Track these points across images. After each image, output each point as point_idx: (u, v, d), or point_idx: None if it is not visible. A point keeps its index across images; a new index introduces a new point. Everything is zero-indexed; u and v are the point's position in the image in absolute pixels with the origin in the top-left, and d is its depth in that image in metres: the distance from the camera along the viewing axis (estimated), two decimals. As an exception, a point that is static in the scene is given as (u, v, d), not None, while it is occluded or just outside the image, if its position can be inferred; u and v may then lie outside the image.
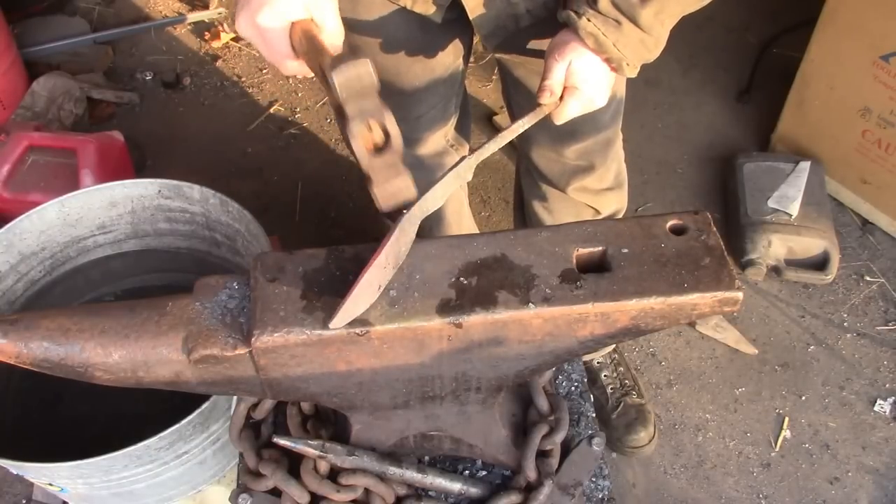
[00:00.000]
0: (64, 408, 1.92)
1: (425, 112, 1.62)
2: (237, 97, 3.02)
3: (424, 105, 1.61)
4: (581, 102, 1.21)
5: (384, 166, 0.88)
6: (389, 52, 1.47)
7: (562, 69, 1.19)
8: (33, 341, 0.92)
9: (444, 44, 1.50)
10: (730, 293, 0.93)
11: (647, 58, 1.21)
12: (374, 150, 0.86)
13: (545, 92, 1.20)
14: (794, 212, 2.41)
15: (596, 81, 1.20)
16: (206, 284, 0.98)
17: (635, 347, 2.32)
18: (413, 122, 1.64)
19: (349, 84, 0.84)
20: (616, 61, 1.18)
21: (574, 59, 1.18)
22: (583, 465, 1.21)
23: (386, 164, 0.88)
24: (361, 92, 0.85)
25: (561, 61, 1.18)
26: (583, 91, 1.19)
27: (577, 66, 1.18)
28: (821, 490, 2.07)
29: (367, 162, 0.87)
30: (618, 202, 1.84)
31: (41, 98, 2.76)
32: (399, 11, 1.39)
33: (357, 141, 0.85)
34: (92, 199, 1.84)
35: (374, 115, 0.86)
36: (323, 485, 1.08)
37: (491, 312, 0.91)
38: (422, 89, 1.55)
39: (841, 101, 2.40)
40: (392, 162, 0.88)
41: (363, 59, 0.85)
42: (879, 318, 2.37)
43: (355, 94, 0.85)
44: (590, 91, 1.20)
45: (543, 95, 1.20)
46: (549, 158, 1.69)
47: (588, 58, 1.18)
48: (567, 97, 1.20)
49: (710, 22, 3.10)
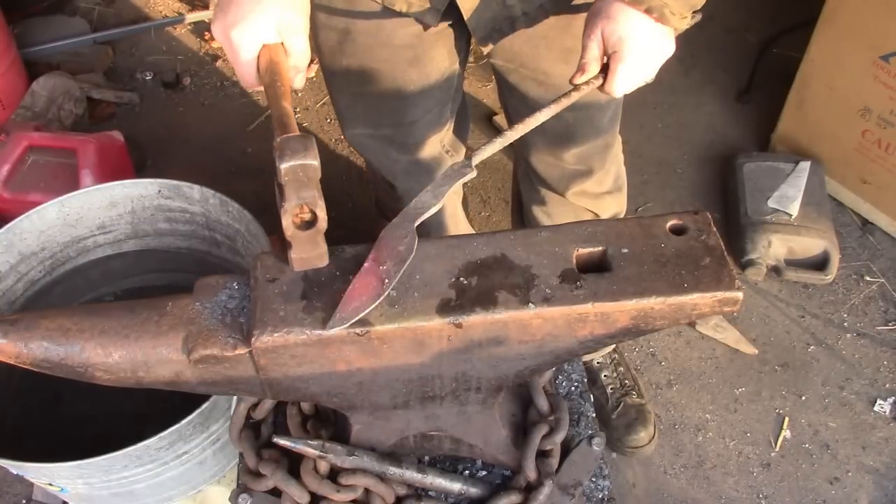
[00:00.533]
0: (64, 408, 1.92)
1: (420, 117, 1.61)
2: (237, 97, 3.02)
3: (419, 110, 1.60)
4: (630, 64, 1.10)
5: (305, 240, 0.92)
6: (385, 58, 1.46)
7: (595, 42, 1.10)
8: (33, 341, 0.92)
9: (440, 49, 1.50)
10: (730, 293, 0.93)
11: (694, 1, 1.11)
12: (301, 224, 0.91)
13: (577, 72, 1.12)
14: (794, 212, 2.41)
15: (639, 39, 1.08)
16: (206, 284, 0.98)
17: (635, 347, 2.32)
18: (407, 127, 1.63)
19: (294, 173, 0.87)
20: (657, 10, 1.07)
21: (606, 25, 1.09)
22: (583, 465, 1.20)
23: (308, 238, 0.92)
24: (304, 182, 0.88)
25: (593, 34, 1.10)
26: (626, 51, 1.09)
27: (612, 29, 1.08)
28: (821, 490, 2.07)
29: (290, 233, 0.91)
30: (617, 205, 1.83)
31: (41, 98, 2.75)
32: (395, 16, 1.38)
33: (287, 218, 0.90)
34: (92, 199, 1.84)
35: (309, 203, 0.89)
36: (323, 485, 1.08)
37: (491, 312, 0.91)
38: (417, 94, 1.54)
39: (841, 101, 2.40)
40: (313, 238, 0.92)
41: (311, 148, 0.88)
42: (879, 318, 2.36)
43: (297, 183, 0.88)
44: (636, 51, 1.09)
45: (576, 76, 1.12)
46: (548, 163, 1.69)
47: (624, 15, 1.08)
48: (612, 65, 1.11)
49: (710, 22, 3.10)
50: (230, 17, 1.03)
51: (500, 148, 1.06)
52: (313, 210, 0.90)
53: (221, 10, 1.05)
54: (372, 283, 0.91)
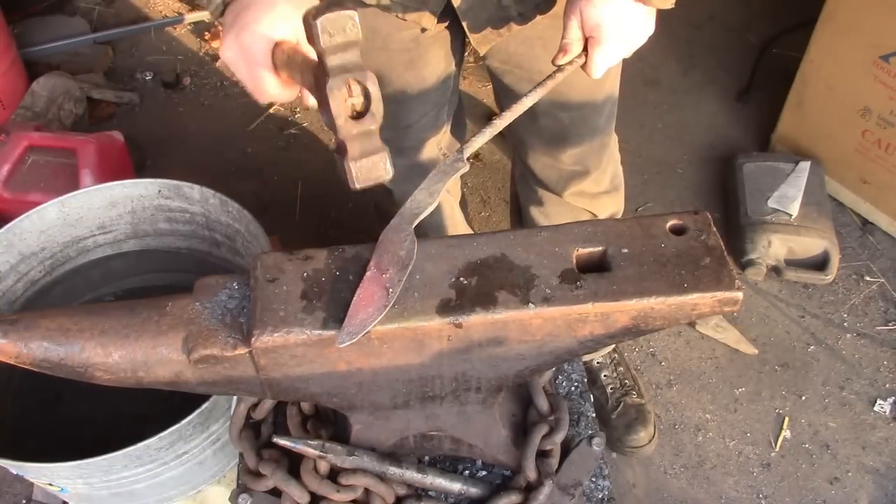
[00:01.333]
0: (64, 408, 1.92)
1: (416, 120, 1.61)
2: (237, 97, 3.02)
3: (416, 113, 1.59)
4: (608, 47, 1.10)
5: (361, 135, 0.79)
6: (381, 62, 1.46)
7: (574, 23, 1.10)
8: (33, 341, 0.92)
9: (436, 52, 1.50)
10: (730, 293, 0.93)
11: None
12: (353, 114, 0.77)
13: (559, 53, 1.11)
14: (794, 212, 2.41)
15: (618, 21, 1.09)
16: (206, 284, 0.98)
17: (635, 347, 2.32)
18: (404, 131, 1.62)
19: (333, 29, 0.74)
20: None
21: (585, 6, 1.08)
22: (583, 465, 1.20)
23: (364, 132, 0.78)
24: (345, 44, 0.76)
25: (573, 15, 1.10)
26: (604, 34, 1.09)
27: (591, 11, 1.08)
28: (821, 490, 2.07)
29: (343, 127, 0.77)
30: (614, 205, 1.83)
31: (41, 98, 2.76)
32: (391, 20, 1.38)
33: (336, 100, 0.75)
34: (92, 199, 1.84)
35: (356, 73, 0.77)
36: (323, 485, 1.08)
37: (491, 312, 0.91)
38: (414, 98, 1.54)
39: (841, 101, 2.40)
40: (370, 131, 0.79)
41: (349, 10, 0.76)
42: (879, 318, 2.36)
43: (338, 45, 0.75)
44: (614, 31, 1.09)
45: (558, 57, 1.12)
46: (545, 164, 1.69)
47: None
48: (591, 47, 1.11)
49: (710, 22, 3.10)
50: (239, 24, 0.97)
51: (489, 138, 1.05)
52: (364, 86, 0.76)
53: (230, 27, 0.98)
54: (376, 294, 0.90)
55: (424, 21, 1.37)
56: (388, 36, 1.42)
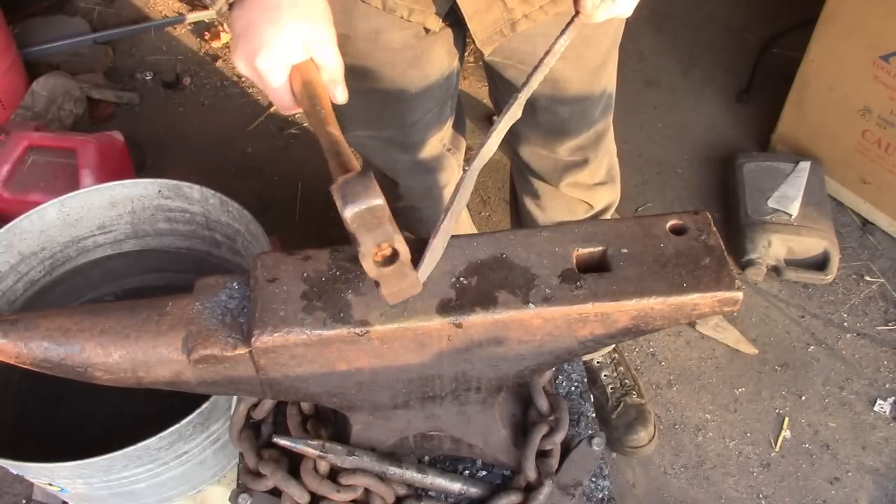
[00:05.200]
0: (64, 408, 1.93)
1: (421, 117, 1.61)
2: (237, 97, 3.02)
3: (420, 111, 1.59)
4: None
5: (392, 274, 0.87)
6: (385, 61, 1.46)
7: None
8: (33, 341, 0.92)
9: (439, 49, 1.49)
10: (730, 293, 0.93)
11: None
12: (384, 261, 0.86)
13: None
14: (794, 212, 2.41)
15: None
16: (206, 284, 0.98)
17: (635, 347, 2.32)
18: (409, 128, 1.62)
19: (361, 219, 0.82)
20: None
21: None
22: (583, 465, 1.20)
23: (395, 272, 0.87)
24: (374, 224, 0.83)
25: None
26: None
27: None
28: (821, 490, 2.07)
29: (375, 273, 0.87)
30: (610, 196, 1.84)
31: (41, 98, 2.76)
32: (394, 20, 1.38)
33: (367, 261, 0.85)
34: (92, 199, 1.84)
35: (386, 240, 0.84)
36: (323, 485, 1.08)
37: (491, 312, 0.91)
38: (417, 95, 1.54)
39: (841, 101, 2.40)
40: (400, 271, 0.88)
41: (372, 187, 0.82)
42: (879, 318, 2.37)
43: (367, 226, 0.83)
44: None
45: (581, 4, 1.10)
46: (541, 156, 1.69)
47: None
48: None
49: (710, 22, 3.10)
50: (252, 46, 0.97)
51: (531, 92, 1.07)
52: (392, 245, 0.85)
53: (241, 40, 0.99)
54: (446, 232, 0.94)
55: (429, 22, 1.37)
56: (392, 35, 1.42)
